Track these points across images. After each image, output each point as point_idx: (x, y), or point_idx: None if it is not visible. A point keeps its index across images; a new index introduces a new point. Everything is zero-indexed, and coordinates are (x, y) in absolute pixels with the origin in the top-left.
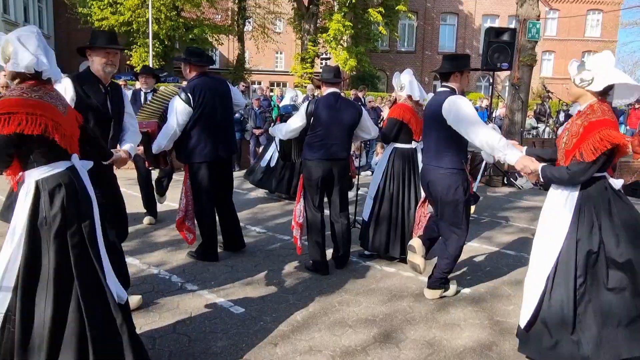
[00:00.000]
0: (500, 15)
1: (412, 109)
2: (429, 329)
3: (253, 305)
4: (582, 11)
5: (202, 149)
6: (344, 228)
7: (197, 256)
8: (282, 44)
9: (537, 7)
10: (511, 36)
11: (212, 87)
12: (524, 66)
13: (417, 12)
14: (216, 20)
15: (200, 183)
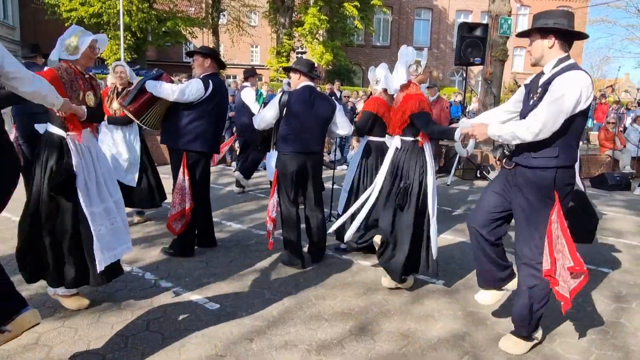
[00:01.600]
0: (474, 10)
1: (386, 102)
2: (403, 321)
3: (228, 301)
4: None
5: (205, 139)
6: (319, 222)
7: (173, 252)
8: (258, 38)
9: (508, 4)
10: (483, 32)
11: (221, 84)
12: (496, 61)
13: (392, 6)
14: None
15: (195, 173)
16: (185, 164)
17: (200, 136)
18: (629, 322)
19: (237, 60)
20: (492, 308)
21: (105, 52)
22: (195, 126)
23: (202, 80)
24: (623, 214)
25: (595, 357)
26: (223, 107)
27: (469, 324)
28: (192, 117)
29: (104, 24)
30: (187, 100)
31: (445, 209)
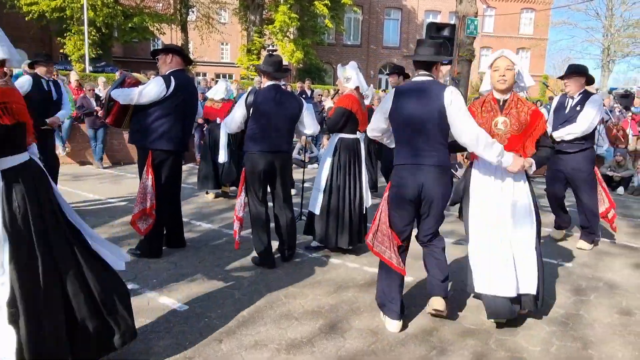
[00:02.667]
0: (442, 11)
1: (358, 100)
2: (373, 318)
3: (197, 302)
4: (517, 9)
5: (170, 137)
6: (289, 221)
7: (140, 253)
8: (228, 35)
9: (475, 5)
10: (451, 32)
11: (188, 83)
12: (463, 61)
13: (362, 6)
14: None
15: (160, 171)
16: (150, 163)
17: (165, 134)
18: (588, 313)
19: (207, 58)
20: (460, 303)
21: (69, 47)
22: (160, 124)
23: (163, 78)
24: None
25: (556, 348)
26: (190, 104)
27: (436, 320)
28: (157, 115)
29: (67, 18)
30: (148, 101)
31: None
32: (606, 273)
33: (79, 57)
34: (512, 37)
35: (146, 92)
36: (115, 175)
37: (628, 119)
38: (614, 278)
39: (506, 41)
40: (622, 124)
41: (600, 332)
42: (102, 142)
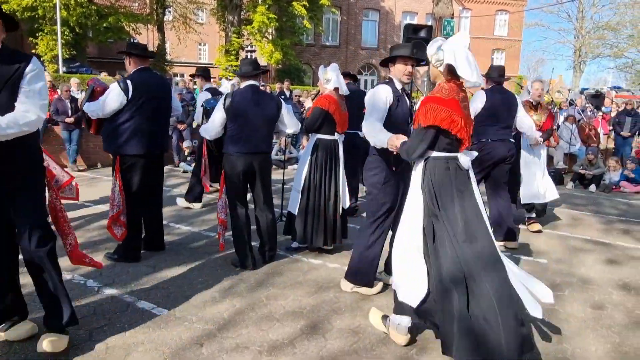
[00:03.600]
0: (419, 12)
1: (337, 101)
2: (354, 318)
3: (177, 305)
4: (492, 11)
5: (137, 142)
6: (269, 222)
7: (117, 257)
8: (205, 36)
9: (451, 6)
10: (428, 33)
11: (153, 82)
12: None
13: (341, 7)
14: (133, 8)
15: (130, 177)
16: (117, 169)
17: (131, 139)
18: (562, 308)
19: (184, 58)
20: None
21: (42, 47)
22: (124, 129)
23: (119, 84)
24: (558, 207)
25: None
26: (156, 104)
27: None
28: (121, 120)
29: (38, 18)
30: (113, 111)
31: None
32: (580, 268)
33: (52, 58)
34: (487, 38)
35: (107, 104)
36: (90, 178)
37: (599, 118)
38: (587, 273)
39: (482, 42)
40: (593, 123)
41: (574, 327)
42: (76, 143)
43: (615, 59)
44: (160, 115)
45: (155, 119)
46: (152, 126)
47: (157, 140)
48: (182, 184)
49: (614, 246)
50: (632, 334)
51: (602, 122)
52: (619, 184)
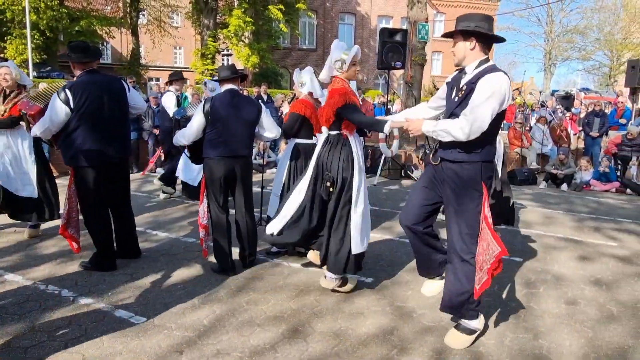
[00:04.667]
0: (394, 16)
1: (313, 105)
2: (335, 320)
3: (156, 313)
4: None
5: (88, 151)
6: (250, 227)
7: (91, 266)
8: (181, 39)
9: (425, 10)
10: (403, 37)
11: (99, 85)
12: (416, 65)
13: (317, 10)
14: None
15: (87, 188)
16: (71, 181)
17: (81, 149)
18: (537, 305)
19: (159, 62)
20: (418, 302)
21: (10, 52)
22: (73, 139)
23: (59, 95)
24: (531, 206)
25: (510, 340)
26: (106, 107)
27: (396, 319)
28: (68, 131)
29: (7, 21)
30: (62, 122)
31: (373, 208)
32: (553, 266)
33: (22, 62)
34: None
35: (52, 120)
36: (63, 185)
37: (568, 119)
38: (560, 270)
39: None
40: (564, 124)
41: (549, 323)
42: (47, 151)
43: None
44: (113, 118)
45: (107, 124)
46: (105, 132)
47: (113, 146)
48: (158, 190)
49: (586, 243)
50: (604, 328)
51: (572, 123)
52: (590, 182)
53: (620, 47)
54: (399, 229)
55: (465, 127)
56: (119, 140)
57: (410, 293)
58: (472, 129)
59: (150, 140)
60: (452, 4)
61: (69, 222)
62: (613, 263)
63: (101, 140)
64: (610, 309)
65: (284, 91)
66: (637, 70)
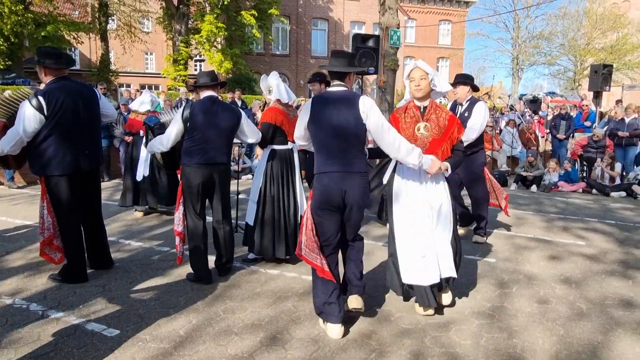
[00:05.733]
0: (366, 22)
1: (283, 111)
2: (313, 326)
3: (130, 325)
4: (435, 21)
5: (61, 160)
6: (227, 234)
7: (61, 279)
8: (152, 45)
9: (396, 17)
10: (376, 42)
11: (72, 92)
12: (389, 70)
13: (290, 16)
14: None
15: (60, 198)
16: (44, 190)
17: (54, 157)
18: (511, 305)
19: (130, 68)
20: (396, 305)
21: None
22: (45, 147)
23: (31, 102)
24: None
25: (485, 340)
26: (78, 116)
27: (375, 322)
28: (39, 139)
29: None
30: (34, 131)
31: None
32: (525, 266)
33: None
34: (432, 47)
35: (26, 128)
36: (30, 195)
37: (536, 122)
38: (532, 270)
39: (427, 51)
40: (532, 127)
41: (522, 322)
42: None
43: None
44: (84, 127)
45: (80, 132)
46: (77, 141)
47: (84, 154)
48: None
49: (555, 243)
50: (575, 325)
51: (540, 126)
52: (557, 184)
53: (583, 53)
54: (376, 232)
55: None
56: (91, 148)
57: (387, 296)
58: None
59: (121, 147)
60: (422, 11)
61: (55, 233)
62: (581, 261)
63: (74, 149)
64: (580, 307)
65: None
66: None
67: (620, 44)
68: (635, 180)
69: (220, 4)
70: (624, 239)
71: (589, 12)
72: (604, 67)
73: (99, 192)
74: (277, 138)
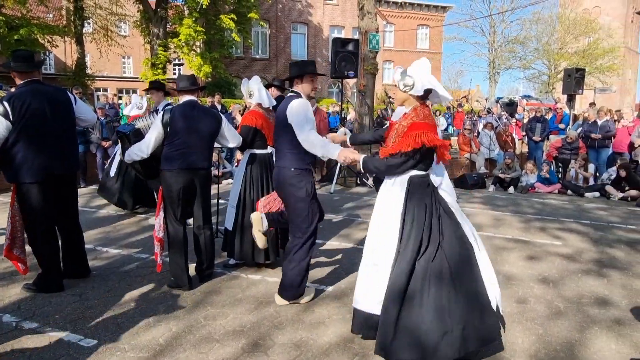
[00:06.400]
0: (346, 26)
1: (263, 115)
2: (295, 331)
3: (107, 334)
4: (413, 26)
5: (31, 166)
6: (208, 240)
7: (36, 288)
8: (129, 48)
9: (375, 21)
10: (355, 46)
11: (42, 96)
12: (368, 74)
13: (269, 20)
14: (47, 19)
15: (31, 205)
16: (13, 197)
17: (24, 164)
18: None
19: (107, 72)
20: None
21: None
22: (14, 154)
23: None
24: (481, 209)
25: None
26: (50, 120)
27: None
28: (8, 145)
29: None
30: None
31: (329, 216)
32: (504, 266)
33: None
34: (410, 51)
35: None
36: (3, 203)
37: (513, 125)
38: (511, 270)
39: (406, 55)
40: (509, 129)
41: None
42: None
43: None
44: (58, 131)
45: (51, 136)
46: (48, 146)
47: (58, 160)
48: (108, 204)
49: (533, 243)
50: (553, 323)
51: (516, 129)
52: (534, 185)
53: (557, 57)
54: (356, 236)
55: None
56: (64, 154)
57: None
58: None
59: (98, 153)
60: (400, 15)
61: (13, 242)
62: (558, 261)
63: (45, 154)
64: (558, 306)
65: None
66: (573, 79)
67: (592, 49)
68: (608, 180)
69: (199, 8)
70: (599, 239)
71: (562, 18)
72: (577, 70)
73: (75, 197)
74: (256, 142)
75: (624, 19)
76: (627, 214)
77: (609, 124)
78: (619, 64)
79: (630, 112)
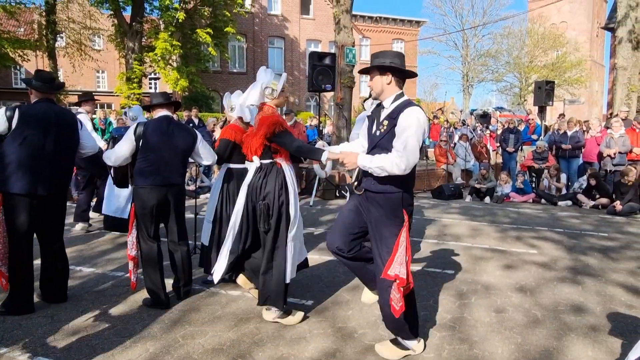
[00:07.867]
0: (322, 40)
1: (243, 129)
2: (276, 348)
3: (81, 357)
4: (388, 40)
5: (20, 178)
6: (184, 256)
7: (5, 310)
8: (104, 63)
9: (351, 35)
10: (332, 60)
11: (47, 116)
12: (345, 87)
13: (246, 34)
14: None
15: (12, 218)
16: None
17: (13, 174)
18: (470, 315)
19: (80, 87)
20: (359, 321)
21: None
22: (7, 163)
23: (7, 110)
24: (459, 220)
25: (447, 352)
26: (50, 139)
27: (338, 340)
28: (2, 153)
29: None
30: None
31: (310, 229)
32: (482, 276)
33: None
34: None
35: None
36: None
37: (487, 136)
38: (489, 280)
39: None
40: (484, 140)
41: (482, 332)
42: None
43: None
44: (55, 152)
45: (47, 155)
46: (42, 164)
47: (47, 179)
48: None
49: (509, 252)
50: (531, 332)
51: (491, 140)
52: (509, 195)
53: (527, 70)
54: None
55: (400, 163)
56: (55, 173)
57: (350, 313)
58: (407, 164)
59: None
60: (376, 29)
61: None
62: (534, 270)
63: (36, 170)
64: (535, 314)
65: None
66: (543, 91)
67: (560, 62)
68: (579, 189)
69: (175, 22)
70: (572, 246)
71: (531, 32)
72: (547, 83)
73: (61, 222)
74: (234, 156)
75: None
76: (598, 221)
77: (579, 134)
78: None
79: (598, 123)
